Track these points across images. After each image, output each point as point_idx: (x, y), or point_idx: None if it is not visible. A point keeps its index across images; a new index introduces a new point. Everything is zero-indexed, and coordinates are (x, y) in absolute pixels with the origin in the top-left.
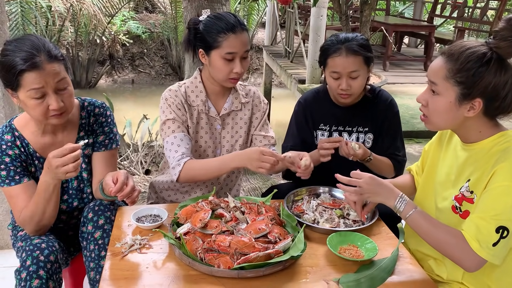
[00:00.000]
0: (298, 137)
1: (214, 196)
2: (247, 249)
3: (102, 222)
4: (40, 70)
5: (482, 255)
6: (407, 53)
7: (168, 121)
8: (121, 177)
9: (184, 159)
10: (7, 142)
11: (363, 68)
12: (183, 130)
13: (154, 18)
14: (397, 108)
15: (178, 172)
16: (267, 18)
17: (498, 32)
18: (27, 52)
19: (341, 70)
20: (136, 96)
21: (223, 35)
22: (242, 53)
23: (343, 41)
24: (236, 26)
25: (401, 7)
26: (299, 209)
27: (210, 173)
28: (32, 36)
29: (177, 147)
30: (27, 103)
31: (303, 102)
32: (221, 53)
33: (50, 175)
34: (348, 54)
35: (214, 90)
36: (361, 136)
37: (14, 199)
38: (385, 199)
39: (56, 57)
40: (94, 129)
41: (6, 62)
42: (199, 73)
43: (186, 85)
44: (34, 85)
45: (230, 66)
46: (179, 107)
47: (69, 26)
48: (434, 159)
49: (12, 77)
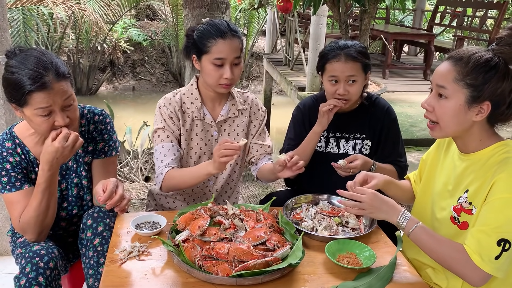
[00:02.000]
0: (295, 140)
1: (213, 203)
2: (246, 256)
3: (101, 229)
4: (49, 90)
5: (485, 269)
6: (407, 61)
7: (158, 130)
8: (110, 185)
9: (166, 169)
10: (8, 149)
11: (361, 75)
12: (172, 140)
13: (155, 26)
14: (395, 115)
15: (160, 181)
16: (267, 26)
17: (502, 39)
18: (35, 71)
19: (339, 75)
20: (136, 103)
21: (212, 41)
22: (232, 59)
23: (342, 48)
24: (226, 32)
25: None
26: (298, 217)
27: (188, 181)
28: (36, 51)
29: (163, 157)
30: (33, 120)
31: (301, 108)
32: (210, 58)
33: (57, 164)
34: (347, 60)
35: (210, 96)
36: (358, 142)
37: (14, 205)
38: (388, 216)
39: (64, 75)
40: (94, 136)
41: (13, 80)
42: (195, 80)
43: (182, 92)
44: (42, 104)
45: (220, 72)
46: (171, 116)
47: (71, 33)
48: (431, 169)
49: (20, 96)
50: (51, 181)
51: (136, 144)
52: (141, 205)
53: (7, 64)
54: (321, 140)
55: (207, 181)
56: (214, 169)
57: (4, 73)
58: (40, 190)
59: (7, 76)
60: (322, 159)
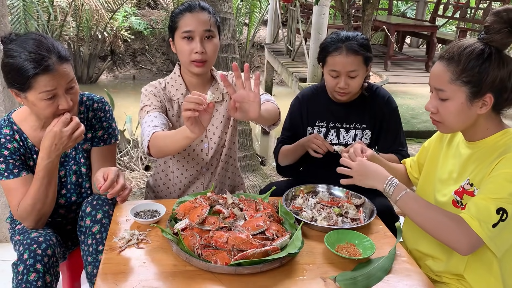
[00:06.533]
0: (290, 131)
1: (213, 192)
2: (245, 245)
3: (100, 217)
4: (54, 73)
5: (481, 234)
6: (409, 53)
7: (145, 107)
8: (111, 174)
9: (153, 130)
10: (6, 135)
11: (362, 68)
12: (158, 111)
13: (156, 15)
14: (395, 104)
15: (147, 143)
16: (269, 16)
17: (489, 26)
18: (38, 54)
19: (341, 69)
20: (137, 92)
21: (180, 16)
22: (201, 32)
23: (343, 40)
24: (193, 6)
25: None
26: (297, 207)
27: (170, 144)
28: (34, 34)
29: (150, 123)
30: (37, 104)
31: (300, 98)
32: (179, 33)
33: (55, 152)
34: (348, 53)
35: (192, 82)
36: (358, 133)
37: (12, 192)
38: (375, 182)
39: (66, 57)
40: (93, 124)
41: (15, 64)
42: (178, 67)
43: (166, 81)
44: (47, 88)
45: (190, 46)
46: (158, 95)
47: (71, 21)
48: (434, 156)
49: (24, 80)
50: (49, 169)
51: (136, 133)
52: (141, 193)
53: (6, 49)
54: (321, 131)
55: (200, 151)
56: (188, 131)
57: (4, 58)
58: (38, 178)
59: (7, 61)
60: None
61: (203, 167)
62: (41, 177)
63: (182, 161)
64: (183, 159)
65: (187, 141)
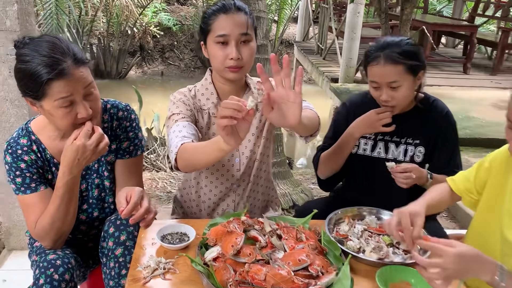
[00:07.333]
0: (333, 139)
1: (247, 215)
2: (285, 284)
3: (124, 238)
4: (69, 77)
5: None
6: (444, 53)
7: (173, 115)
8: (135, 196)
9: (181, 141)
10: (23, 146)
11: (406, 78)
12: (188, 120)
13: (185, 11)
14: (454, 119)
15: (175, 155)
16: (299, 13)
17: None
18: (51, 57)
19: (379, 80)
20: (165, 88)
21: (213, 17)
22: (237, 36)
23: (383, 47)
24: (229, 7)
25: (440, 6)
26: (342, 234)
27: (200, 157)
28: (48, 37)
29: (178, 133)
30: (53, 113)
31: (348, 105)
32: (213, 37)
33: (77, 167)
34: (386, 63)
35: (225, 89)
36: (410, 148)
37: (29, 208)
38: (480, 274)
39: (83, 60)
40: (118, 134)
41: (28, 70)
42: (210, 73)
43: (196, 88)
44: (62, 94)
45: (225, 52)
46: (187, 103)
47: (102, 16)
48: (500, 182)
49: (37, 87)
50: (71, 186)
51: (163, 131)
52: (168, 198)
53: (18, 54)
54: (367, 143)
55: (231, 167)
56: (222, 142)
57: (17, 64)
58: (58, 195)
59: (20, 67)
60: (367, 164)
61: (233, 184)
62: (61, 194)
63: (210, 177)
64: (211, 175)
65: (220, 154)
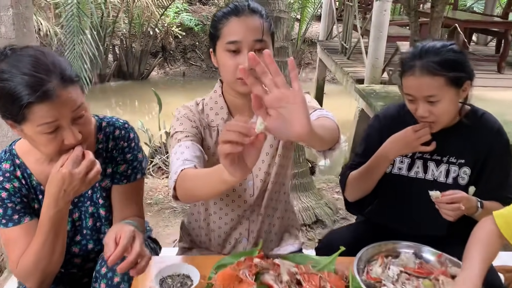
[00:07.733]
0: (364, 157)
1: (261, 253)
2: None
3: (117, 281)
4: (55, 100)
5: None
6: (476, 51)
7: (176, 133)
8: (124, 239)
9: (181, 167)
10: (5, 172)
11: (447, 91)
12: (192, 139)
13: (207, 11)
14: (507, 137)
15: (173, 182)
16: (323, 11)
17: None
18: (33, 76)
19: (415, 93)
20: (186, 89)
21: (223, 21)
22: (250, 43)
23: (420, 55)
24: (242, 9)
25: (470, 1)
26: (375, 278)
27: (201, 186)
28: (32, 50)
29: (180, 155)
30: (36, 139)
31: (381, 118)
32: (222, 44)
33: (64, 199)
34: (422, 74)
35: (236, 104)
36: (453, 169)
37: (11, 244)
38: None
39: (71, 79)
40: (114, 156)
41: (5, 89)
42: (220, 85)
43: (204, 102)
44: (46, 119)
45: (236, 61)
46: (193, 119)
47: (123, 17)
48: None
49: (16, 110)
50: (57, 221)
51: None
52: (182, 210)
53: None
54: (404, 161)
55: (243, 191)
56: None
57: None
58: (43, 231)
59: None
60: (402, 185)
61: (246, 210)
62: (46, 230)
63: (220, 203)
64: (221, 201)
65: (224, 186)
